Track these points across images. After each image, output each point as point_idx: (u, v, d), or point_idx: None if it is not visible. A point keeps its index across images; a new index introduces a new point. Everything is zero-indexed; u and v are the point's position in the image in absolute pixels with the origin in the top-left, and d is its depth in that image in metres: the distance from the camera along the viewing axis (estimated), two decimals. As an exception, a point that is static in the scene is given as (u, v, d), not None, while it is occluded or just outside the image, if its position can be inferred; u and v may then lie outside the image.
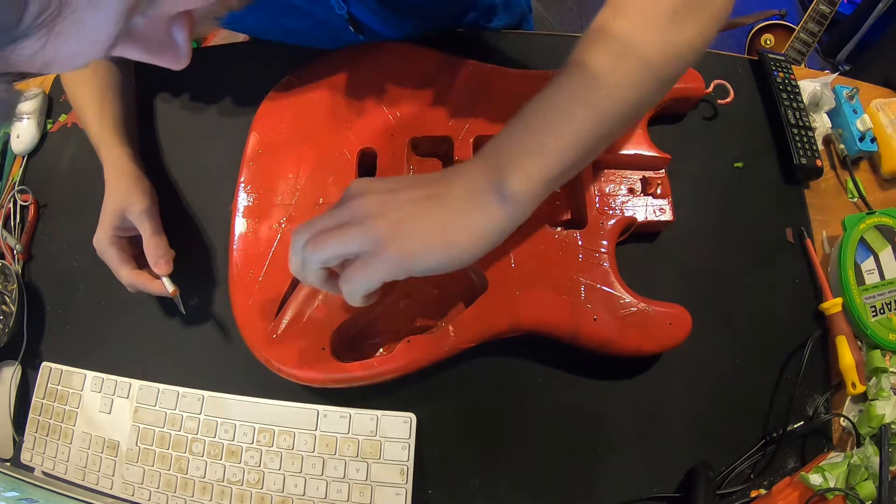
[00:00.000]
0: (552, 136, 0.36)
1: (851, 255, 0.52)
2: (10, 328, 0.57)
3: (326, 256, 0.36)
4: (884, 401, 0.47)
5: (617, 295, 0.47)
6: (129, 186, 0.53)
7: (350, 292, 0.36)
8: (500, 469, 0.48)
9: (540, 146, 0.36)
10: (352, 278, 0.35)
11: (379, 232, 0.34)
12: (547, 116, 0.36)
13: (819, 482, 0.43)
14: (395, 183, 0.37)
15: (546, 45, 0.63)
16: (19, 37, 0.20)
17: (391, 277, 0.35)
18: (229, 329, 0.54)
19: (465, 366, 0.50)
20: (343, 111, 0.54)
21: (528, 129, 0.36)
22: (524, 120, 0.37)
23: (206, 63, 0.68)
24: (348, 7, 0.52)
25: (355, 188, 0.37)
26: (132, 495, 0.49)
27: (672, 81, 0.39)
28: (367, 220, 0.35)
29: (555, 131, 0.36)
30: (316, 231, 0.36)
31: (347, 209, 0.36)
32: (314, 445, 0.47)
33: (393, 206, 0.35)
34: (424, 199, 0.35)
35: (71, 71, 0.24)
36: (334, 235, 0.35)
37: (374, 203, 0.36)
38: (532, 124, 0.36)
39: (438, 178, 0.37)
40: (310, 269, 0.37)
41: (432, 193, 0.36)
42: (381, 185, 0.37)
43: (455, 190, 0.36)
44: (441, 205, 0.35)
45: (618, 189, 0.51)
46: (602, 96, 0.36)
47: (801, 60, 1.24)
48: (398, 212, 0.35)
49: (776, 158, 0.58)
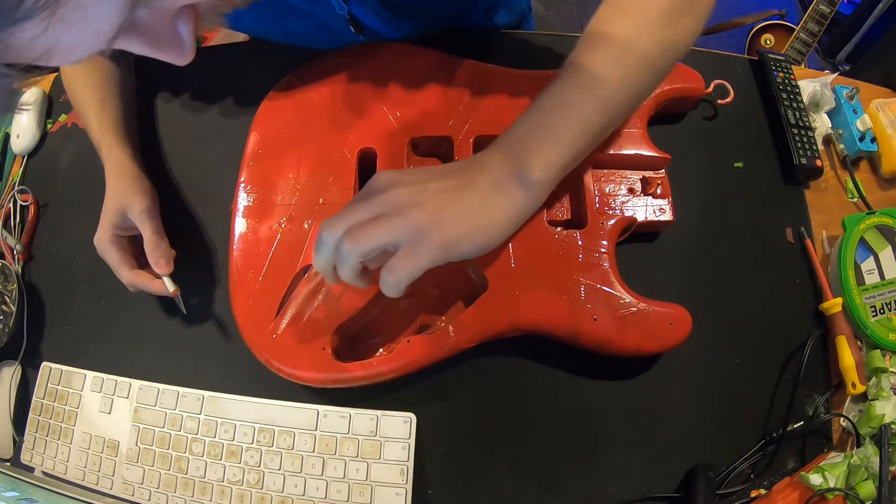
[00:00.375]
0: (564, 127, 0.38)
1: (851, 255, 0.52)
2: (10, 328, 0.57)
3: (368, 249, 0.36)
4: (884, 401, 0.47)
5: (617, 295, 0.47)
6: (129, 186, 0.53)
7: (396, 283, 0.36)
8: (500, 469, 0.48)
9: (554, 137, 0.38)
10: (398, 268, 0.36)
11: (419, 220, 0.35)
12: (559, 110, 0.39)
13: (819, 482, 0.43)
14: (421, 174, 0.38)
15: (546, 45, 0.63)
16: (20, 18, 0.20)
17: (434, 264, 0.36)
18: (229, 329, 0.54)
19: (465, 366, 0.50)
20: (343, 111, 0.54)
21: (541, 121, 0.39)
22: (537, 113, 0.39)
23: (206, 63, 0.68)
24: (349, 7, 0.52)
25: (383, 180, 0.38)
26: (132, 495, 0.49)
27: (667, 73, 0.43)
28: (406, 210, 0.36)
29: (566, 123, 0.39)
30: (351, 224, 0.36)
31: (381, 201, 0.37)
32: (314, 445, 0.47)
33: (427, 196, 0.36)
34: (454, 188, 0.37)
35: (71, 63, 0.24)
36: (376, 227, 0.36)
37: (407, 193, 0.36)
38: (545, 117, 0.39)
39: (461, 169, 0.39)
40: (348, 264, 0.37)
41: (459, 183, 0.37)
42: (410, 176, 0.38)
43: (480, 179, 0.37)
44: (470, 193, 0.37)
45: (618, 189, 0.51)
46: (607, 89, 0.39)
47: (801, 60, 1.24)
48: (433, 201, 0.36)
49: (776, 158, 0.58)
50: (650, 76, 0.41)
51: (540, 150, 0.38)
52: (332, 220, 0.37)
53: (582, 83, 0.39)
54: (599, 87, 0.39)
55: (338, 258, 0.37)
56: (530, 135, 0.39)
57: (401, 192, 0.37)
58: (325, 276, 0.39)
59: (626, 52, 0.39)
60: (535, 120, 0.39)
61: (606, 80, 0.39)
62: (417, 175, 0.38)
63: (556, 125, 0.39)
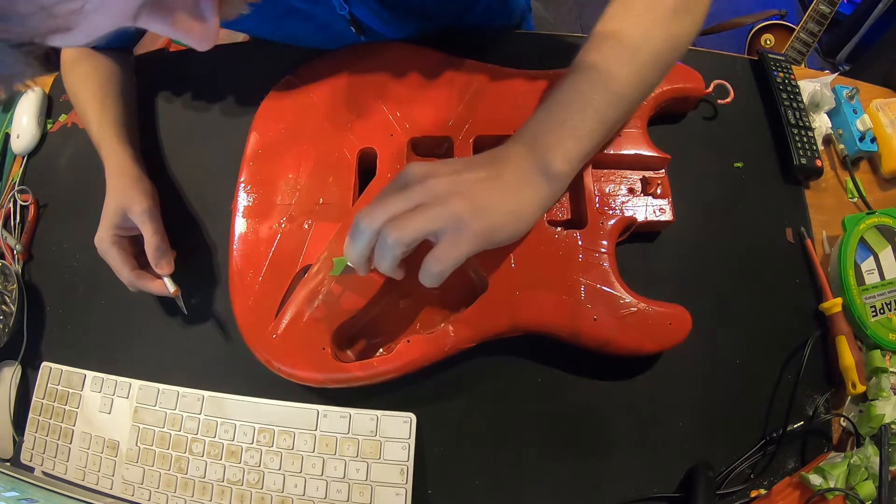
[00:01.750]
0: (582, 121, 0.40)
1: (851, 255, 0.52)
2: (10, 328, 0.57)
3: (413, 238, 0.36)
4: (884, 401, 0.47)
5: (617, 295, 0.47)
6: (130, 186, 0.53)
7: (441, 272, 0.37)
8: (500, 469, 0.48)
9: (573, 131, 0.40)
10: (443, 257, 0.36)
11: (461, 209, 0.36)
12: (576, 105, 0.41)
13: (819, 482, 0.43)
14: (454, 165, 0.39)
15: (546, 45, 0.63)
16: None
17: (475, 252, 0.37)
18: (229, 329, 0.54)
19: (465, 366, 0.50)
20: (343, 111, 0.54)
21: (560, 116, 0.41)
22: (556, 107, 0.41)
23: (206, 63, 0.68)
24: (350, 8, 0.52)
25: (418, 170, 0.38)
26: (132, 495, 0.49)
27: (671, 67, 0.45)
28: (447, 200, 0.36)
29: (584, 117, 0.40)
30: (392, 214, 0.37)
31: (421, 191, 0.37)
32: (314, 445, 0.47)
33: (464, 186, 0.37)
34: (487, 178, 0.38)
35: (91, 40, 0.24)
36: (420, 216, 0.36)
37: (446, 183, 0.37)
38: (564, 112, 0.41)
39: (489, 161, 0.40)
40: (391, 254, 0.37)
41: (491, 174, 0.38)
42: (444, 167, 0.39)
43: (508, 171, 0.39)
44: (501, 184, 0.38)
45: (618, 189, 0.51)
46: (620, 85, 0.41)
47: (801, 60, 1.24)
48: (471, 190, 0.37)
49: (776, 158, 0.58)
50: (658, 72, 0.44)
51: (560, 144, 0.40)
52: (370, 210, 0.37)
53: (597, 79, 0.41)
54: (613, 82, 0.41)
55: (379, 248, 0.37)
56: (550, 129, 0.40)
57: (440, 181, 0.37)
58: (358, 267, 0.40)
59: (637, 49, 0.42)
60: (555, 115, 0.41)
61: (619, 75, 0.41)
62: (451, 166, 0.39)
63: (574, 120, 0.40)
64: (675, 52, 0.44)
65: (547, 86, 0.53)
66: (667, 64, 0.44)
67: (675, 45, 0.43)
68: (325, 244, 0.49)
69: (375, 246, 0.38)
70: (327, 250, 0.48)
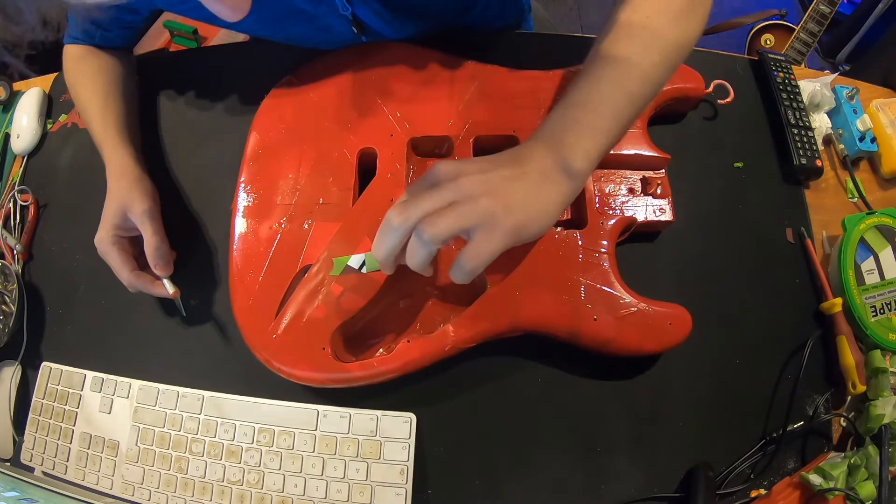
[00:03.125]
0: (599, 119, 0.41)
1: (851, 255, 0.52)
2: (10, 328, 0.57)
3: (448, 235, 0.37)
4: (884, 401, 0.47)
5: (617, 295, 0.47)
6: (131, 187, 0.53)
7: (474, 269, 0.38)
8: (500, 469, 0.48)
9: (591, 129, 0.41)
10: (476, 254, 0.37)
11: (492, 207, 0.37)
12: (593, 103, 0.42)
13: (819, 482, 0.43)
14: (480, 164, 0.39)
15: (546, 45, 0.63)
16: None
17: (507, 248, 0.38)
18: (229, 329, 0.54)
19: (465, 366, 0.50)
20: (343, 111, 0.54)
21: (578, 115, 0.42)
22: (573, 107, 0.42)
23: (206, 63, 0.68)
24: (352, 8, 0.52)
25: (447, 169, 0.39)
26: (132, 495, 0.49)
27: (678, 66, 0.46)
28: (479, 198, 0.37)
29: (601, 115, 0.41)
30: (425, 211, 0.37)
31: (452, 189, 0.38)
32: (314, 445, 0.47)
33: (493, 185, 0.38)
34: (512, 177, 0.39)
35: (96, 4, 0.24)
36: (454, 213, 0.37)
37: (476, 182, 0.38)
38: (581, 111, 0.42)
39: (511, 160, 0.40)
40: (426, 250, 0.38)
41: (515, 173, 0.39)
42: (470, 165, 0.39)
43: (532, 170, 0.39)
44: (526, 182, 0.39)
45: (618, 189, 0.51)
46: (634, 81, 0.42)
47: (801, 60, 1.24)
48: (500, 189, 0.38)
49: (776, 158, 0.58)
50: (669, 68, 0.45)
51: (579, 142, 0.41)
52: (403, 208, 0.38)
53: (613, 78, 0.42)
54: (628, 81, 0.42)
55: (413, 244, 0.38)
56: (569, 127, 0.41)
57: (471, 179, 0.38)
58: (385, 264, 0.40)
59: (649, 47, 0.43)
60: (572, 113, 0.42)
61: (632, 73, 0.42)
62: (478, 164, 0.39)
63: (592, 118, 0.41)
64: (685, 50, 0.45)
65: (547, 86, 0.53)
66: (676, 61, 0.45)
67: (685, 43, 0.45)
68: (325, 244, 0.49)
69: (409, 242, 0.38)
70: (327, 250, 0.48)
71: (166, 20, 0.71)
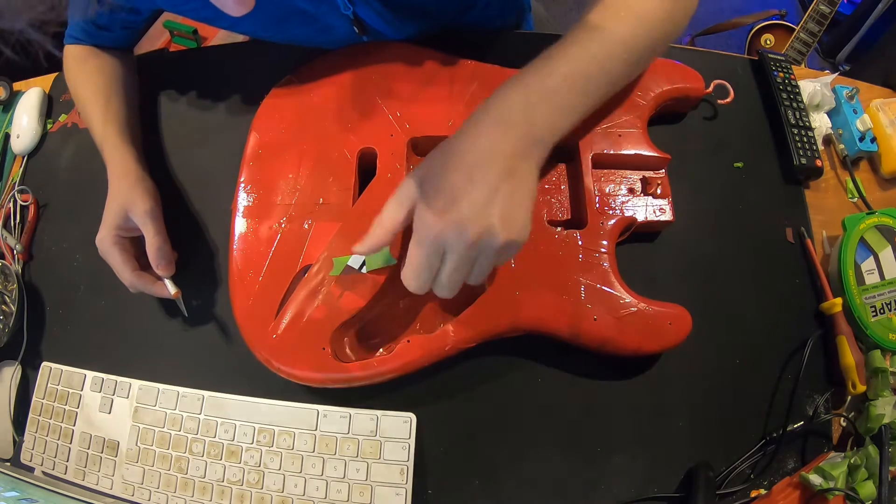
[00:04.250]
0: (576, 96, 0.41)
1: (851, 255, 0.52)
2: (10, 328, 0.57)
3: (479, 282, 0.41)
4: (884, 401, 0.47)
5: (617, 295, 0.47)
6: (132, 187, 0.53)
7: (480, 282, 0.41)
8: (500, 469, 0.48)
9: (572, 108, 0.41)
10: (482, 273, 0.40)
11: (502, 240, 0.37)
12: (573, 77, 0.41)
13: (819, 482, 0.43)
14: (474, 199, 0.37)
15: (546, 45, 0.63)
16: None
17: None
18: (229, 329, 0.54)
19: (465, 366, 0.50)
20: (343, 111, 0.54)
21: (558, 85, 0.41)
22: (551, 74, 0.41)
23: (206, 63, 0.68)
24: (354, 8, 0.52)
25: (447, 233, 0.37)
26: (132, 495, 0.49)
27: (662, 52, 0.48)
28: (490, 242, 0.37)
29: (578, 92, 0.41)
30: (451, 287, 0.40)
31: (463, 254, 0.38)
32: (314, 445, 0.47)
33: (495, 221, 0.37)
34: (509, 197, 0.38)
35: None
36: (471, 269, 0.39)
37: (480, 229, 0.37)
38: (562, 81, 0.41)
39: (499, 177, 0.38)
40: (451, 292, 0.41)
41: (507, 190, 0.38)
42: (464, 208, 0.37)
43: (516, 176, 0.39)
44: (518, 195, 0.39)
45: (618, 189, 0.51)
46: (617, 60, 0.42)
47: (801, 60, 1.24)
48: (502, 219, 0.37)
49: (776, 158, 0.58)
50: (660, 47, 0.45)
51: (558, 123, 0.41)
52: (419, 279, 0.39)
53: (596, 53, 0.42)
54: (612, 59, 0.42)
55: (439, 291, 0.40)
56: (545, 99, 0.40)
57: (473, 228, 0.37)
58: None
59: (636, 28, 0.43)
60: (551, 83, 0.41)
61: (617, 51, 0.42)
62: (471, 203, 0.37)
63: (564, 94, 0.41)
64: (679, 28, 0.45)
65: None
66: (659, 50, 0.46)
67: (682, 20, 0.45)
68: (325, 244, 0.49)
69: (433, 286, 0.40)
70: (327, 250, 0.48)
71: (166, 20, 0.71)
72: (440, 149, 0.41)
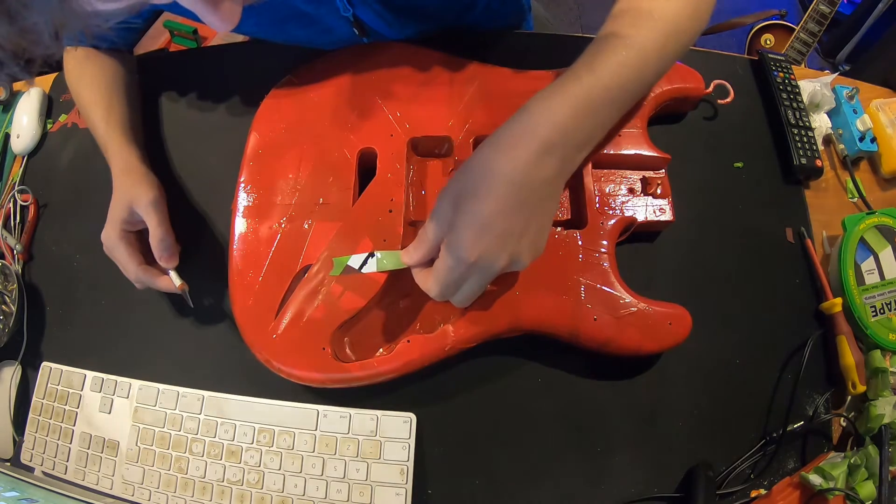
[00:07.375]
0: (615, 110, 0.41)
1: (851, 255, 0.52)
2: (10, 328, 0.57)
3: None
4: (884, 401, 0.47)
5: (617, 295, 0.47)
6: (137, 181, 0.52)
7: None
8: (500, 469, 0.48)
9: (610, 121, 0.41)
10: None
11: (526, 260, 0.39)
12: (617, 95, 0.40)
13: (819, 482, 0.43)
14: (496, 229, 0.38)
15: (546, 45, 0.63)
16: None
17: None
18: (229, 329, 0.54)
19: (465, 366, 0.50)
20: (343, 111, 0.54)
21: (603, 105, 0.40)
22: (596, 93, 0.40)
23: (206, 63, 0.68)
24: (353, 9, 0.52)
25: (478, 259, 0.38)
26: (132, 495, 0.49)
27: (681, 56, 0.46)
28: (517, 261, 0.39)
29: (616, 106, 0.41)
30: (470, 300, 0.41)
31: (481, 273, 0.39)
32: (314, 445, 0.47)
33: (514, 244, 0.38)
34: (529, 220, 0.39)
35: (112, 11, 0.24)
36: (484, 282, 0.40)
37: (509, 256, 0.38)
38: (605, 102, 0.40)
39: (517, 206, 0.38)
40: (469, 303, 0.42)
41: (528, 211, 0.38)
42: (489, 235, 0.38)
43: (534, 197, 0.39)
44: (539, 209, 0.39)
45: (618, 189, 0.51)
46: (651, 72, 0.42)
47: (801, 60, 1.24)
48: (528, 245, 0.39)
49: (776, 158, 0.58)
50: (682, 51, 0.44)
51: (587, 144, 0.41)
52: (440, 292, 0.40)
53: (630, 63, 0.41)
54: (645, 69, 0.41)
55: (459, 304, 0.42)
56: (586, 118, 0.40)
57: (501, 258, 0.38)
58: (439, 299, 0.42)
59: (669, 34, 0.42)
60: (590, 98, 0.40)
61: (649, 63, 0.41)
62: (498, 235, 0.38)
63: (606, 109, 0.40)
64: (697, 31, 0.44)
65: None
66: (689, 42, 0.44)
67: (698, 26, 0.44)
68: (325, 244, 0.49)
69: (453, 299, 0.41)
70: (327, 250, 0.48)
71: (166, 20, 0.71)
72: (478, 166, 0.39)
